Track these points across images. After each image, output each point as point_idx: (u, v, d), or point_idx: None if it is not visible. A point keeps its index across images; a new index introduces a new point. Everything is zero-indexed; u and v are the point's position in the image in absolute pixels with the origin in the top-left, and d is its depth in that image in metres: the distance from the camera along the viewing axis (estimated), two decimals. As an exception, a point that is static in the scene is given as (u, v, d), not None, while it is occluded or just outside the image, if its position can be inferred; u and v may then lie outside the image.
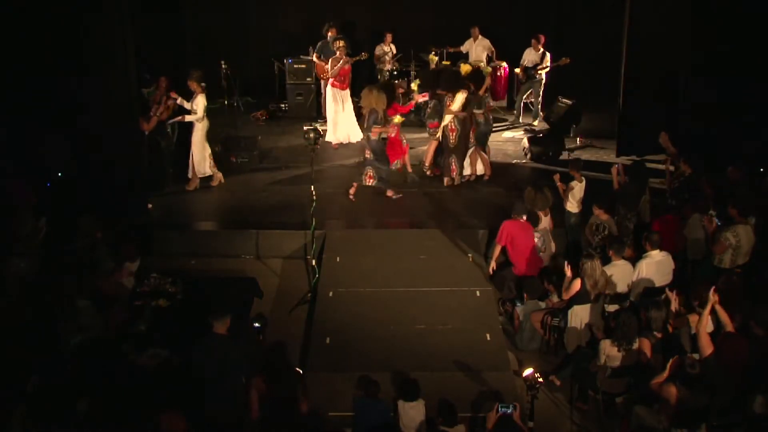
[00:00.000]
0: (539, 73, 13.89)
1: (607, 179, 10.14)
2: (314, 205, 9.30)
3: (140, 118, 10.67)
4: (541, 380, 6.52)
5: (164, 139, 11.39)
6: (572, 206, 9.61)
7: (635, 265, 8.28)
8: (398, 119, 11.09)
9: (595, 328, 7.66)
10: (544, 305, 8.49)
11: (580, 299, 7.97)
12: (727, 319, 6.96)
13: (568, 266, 8.07)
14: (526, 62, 14.05)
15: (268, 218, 10.51)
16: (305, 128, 9.49)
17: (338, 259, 9.61)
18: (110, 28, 9.74)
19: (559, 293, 8.35)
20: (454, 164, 11.31)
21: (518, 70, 14.22)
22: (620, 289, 8.21)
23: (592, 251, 8.50)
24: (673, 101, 11.83)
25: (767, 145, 10.75)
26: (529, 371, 6.51)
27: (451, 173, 11.33)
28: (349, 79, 13.07)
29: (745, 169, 9.39)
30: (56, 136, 9.69)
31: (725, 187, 9.14)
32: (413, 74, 14.40)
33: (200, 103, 11.06)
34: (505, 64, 14.73)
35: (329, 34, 13.59)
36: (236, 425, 6.66)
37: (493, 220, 9.96)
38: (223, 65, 13.90)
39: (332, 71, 12.79)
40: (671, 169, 10.04)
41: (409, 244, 9.87)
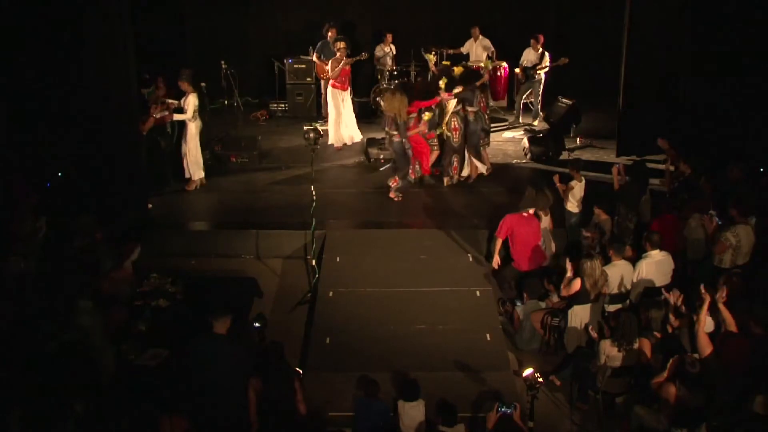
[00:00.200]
0: (538, 73, 13.88)
1: (607, 179, 10.14)
2: (314, 205, 9.31)
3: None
4: (541, 380, 6.51)
5: (164, 139, 11.39)
6: (572, 206, 9.62)
7: (635, 265, 8.28)
8: (427, 116, 10.99)
9: (590, 328, 7.65)
10: (544, 305, 8.49)
11: (580, 299, 7.97)
12: (730, 318, 6.95)
13: (569, 263, 8.08)
14: (525, 62, 14.05)
15: (268, 218, 10.51)
16: (305, 128, 9.53)
17: (338, 259, 9.61)
18: (110, 28, 9.74)
19: (559, 293, 8.35)
20: (455, 164, 11.31)
21: (518, 70, 14.23)
22: (620, 289, 8.21)
23: (592, 251, 8.51)
24: (673, 101, 11.84)
25: (767, 144, 10.75)
26: (529, 371, 6.50)
27: (452, 173, 11.33)
28: (349, 79, 13.06)
29: (745, 168, 9.39)
30: (56, 136, 9.69)
31: (725, 187, 9.13)
32: (413, 74, 14.40)
33: (191, 102, 10.99)
34: (505, 64, 14.72)
35: (329, 34, 13.58)
36: (236, 426, 6.65)
37: (493, 220, 9.95)
38: (223, 65, 13.92)
39: (333, 73, 12.75)
40: (671, 169, 10.05)
41: (409, 244, 9.87)
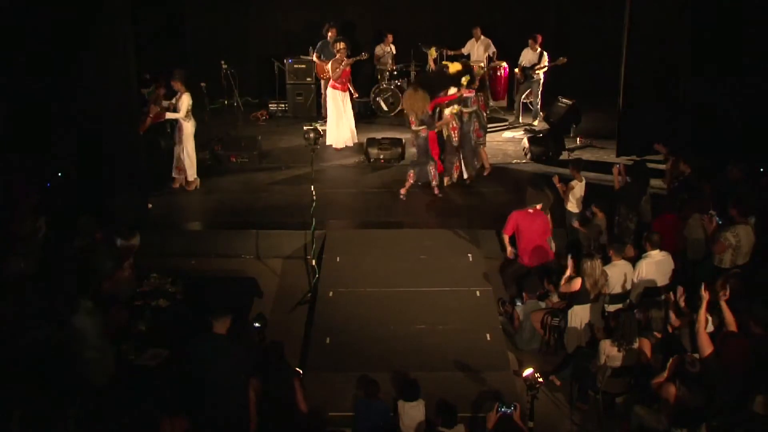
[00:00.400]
0: (537, 73, 13.88)
1: (607, 179, 10.13)
2: (314, 205, 9.30)
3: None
4: (541, 380, 6.50)
5: (164, 139, 11.38)
6: (572, 206, 9.62)
7: (635, 265, 8.28)
8: (450, 110, 10.89)
9: (595, 328, 7.65)
10: (544, 305, 8.49)
11: (580, 299, 7.97)
12: (731, 318, 6.95)
13: (571, 261, 8.09)
14: (523, 62, 14.04)
15: (268, 218, 10.51)
16: (305, 128, 9.53)
17: (338, 259, 9.61)
18: (110, 28, 9.74)
19: (559, 293, 8.35)
20: (457, 163, 11.30)
21: (517, 70, 14.23)
22: (620, 289, 8.21)
23: (591, 250, 8.51)
24: (673, 101, 11.84)
25: (767, 144, 10.75)
26: (529, 371, 6.49)
27: (452, 173, 11.32)
28: (349, 80, 13.06)
29: (745, 168, 9.39)
30: (56, 136, 9.69)
31: (725, 187, 9.13)
32: (413, 74, 14.39)
33: (184, 101, 10.95)
34: (505, 64, 14.72)
35: (329, 34, 13.58)
36: (236, 426, 6.65)
37: (493, 220, 9.96)
38: (223, 65, 13.92)
39: (334, 74, 12.71)
40: (671, 169, 10.04)
41: (409, 244, 9.86)
